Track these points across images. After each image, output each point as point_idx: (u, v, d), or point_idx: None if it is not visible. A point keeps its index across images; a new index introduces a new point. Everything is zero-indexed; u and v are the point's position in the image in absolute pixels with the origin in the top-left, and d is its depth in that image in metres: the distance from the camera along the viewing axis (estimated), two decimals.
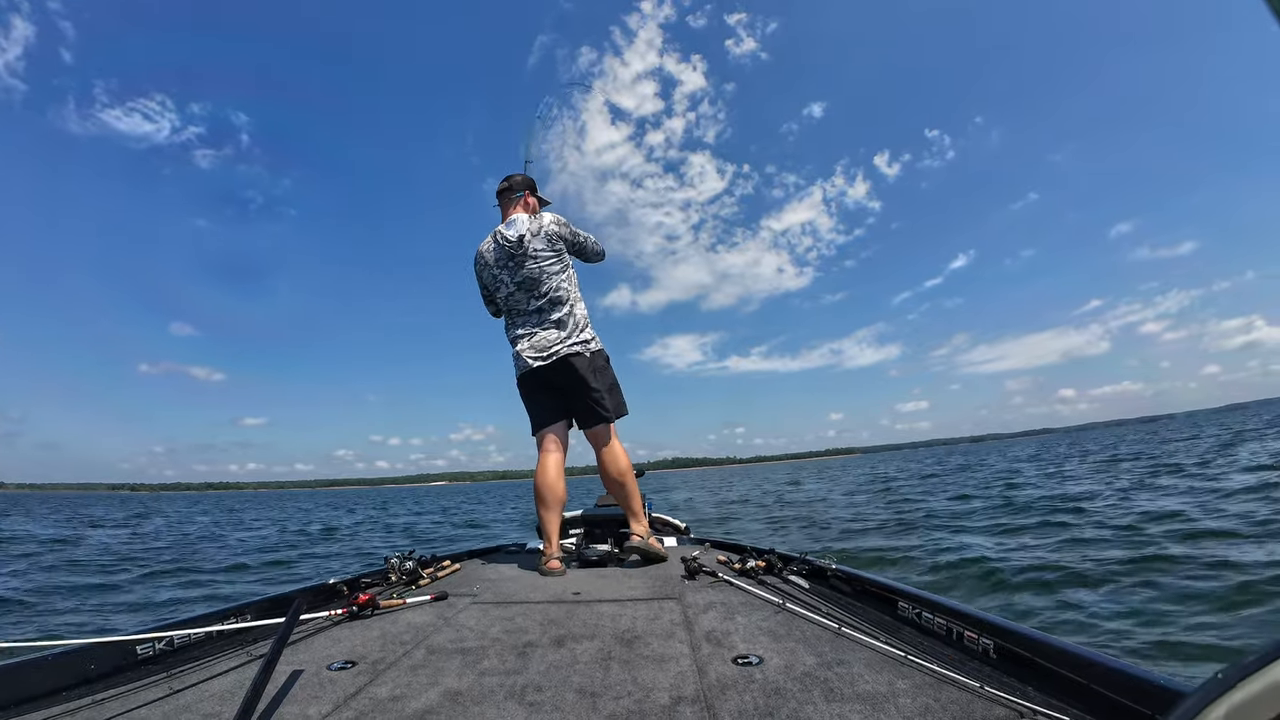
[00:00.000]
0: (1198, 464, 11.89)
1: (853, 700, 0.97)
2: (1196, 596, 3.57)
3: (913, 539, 6.80)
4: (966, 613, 1.23)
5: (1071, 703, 0.90)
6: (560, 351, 2.49)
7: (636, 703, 0.99)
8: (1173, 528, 5.61)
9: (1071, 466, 16.43)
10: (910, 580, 3.57)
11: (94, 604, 5.38)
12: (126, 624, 4.68)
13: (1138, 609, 3.48)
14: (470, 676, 1.15)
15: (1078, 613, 3.56)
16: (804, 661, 1.15)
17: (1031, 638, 1.05)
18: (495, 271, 2.57)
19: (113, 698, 1.09)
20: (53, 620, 4.72)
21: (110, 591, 6.00)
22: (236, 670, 1.24)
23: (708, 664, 1.16)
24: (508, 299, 2.57)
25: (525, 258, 2.50)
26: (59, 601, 5.40)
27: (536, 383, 2.55)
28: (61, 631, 4.39)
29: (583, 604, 1.71)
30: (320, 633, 1.51)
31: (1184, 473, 10.60)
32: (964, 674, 1.03)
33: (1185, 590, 3.70)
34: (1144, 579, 4.04)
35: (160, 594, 5.89)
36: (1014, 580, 4.41)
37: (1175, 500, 7.32)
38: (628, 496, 2.52)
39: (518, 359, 2.55)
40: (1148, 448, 21.40)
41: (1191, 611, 3.35)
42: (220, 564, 8.06)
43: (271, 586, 5.77)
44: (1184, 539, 5.14)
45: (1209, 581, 3.78)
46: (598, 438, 2.55)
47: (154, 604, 5.42)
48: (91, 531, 13.96)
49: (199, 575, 7.04)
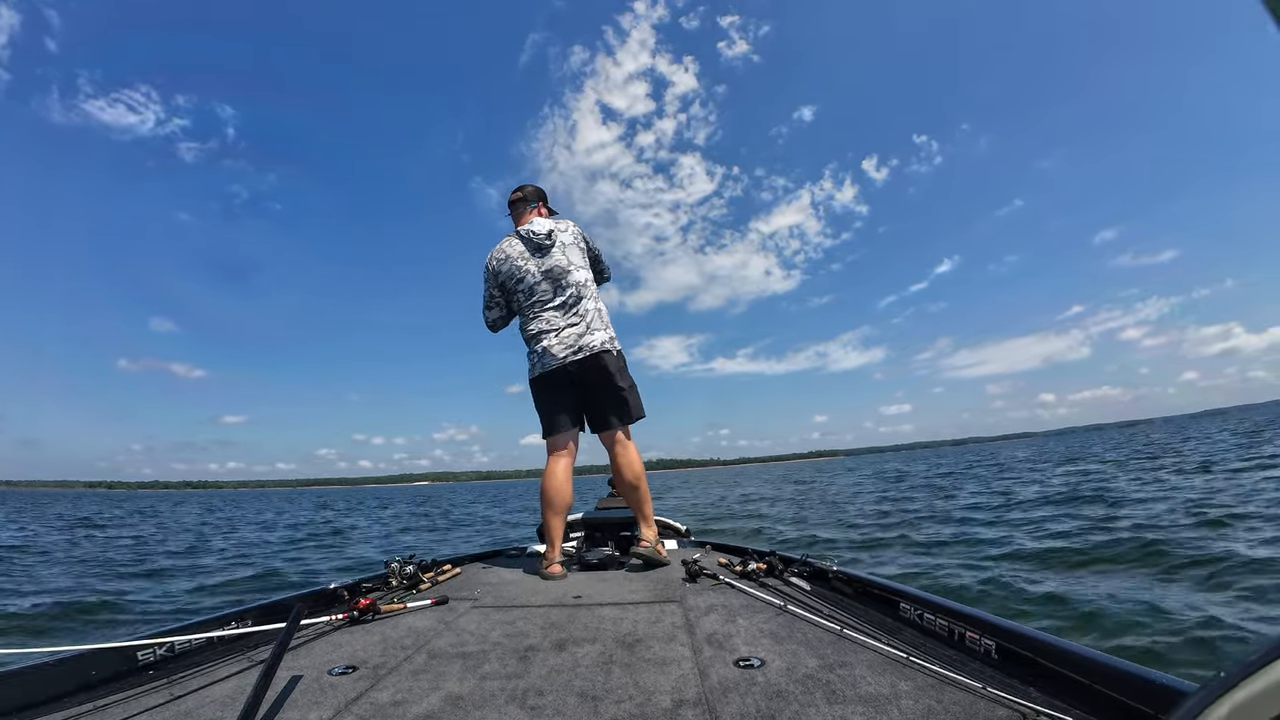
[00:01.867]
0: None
1: (855, 702, 0.96)
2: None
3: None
4: (968, 614, 1.23)
5: (1074, 703, 0.90)
6: (594, 346, 2.46)
7: (638, 706, 0.99)
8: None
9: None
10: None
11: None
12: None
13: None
14: (471, 681, 1.15)
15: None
16: (806, 664, 1.15)
17: (1033, 638, 1.05)
18: (518, 263, 2.53)
19: (113, 704, 1.09)
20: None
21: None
22: (237, 676, 1.24)
23: (709, 667, 1.16)
24: (530, 290, 2.52)
25: (554, 248, 2.53)
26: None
27: (559, 381, 2.49)
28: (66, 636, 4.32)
29: (584, 607, 1.71)
30: (321, 638, 1.51)
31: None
32: (966, 675, 1.02)
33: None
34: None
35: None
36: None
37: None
38: (640, 501, 2.50)
39: (543, 355, 2.48)
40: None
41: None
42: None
43: (276, 592, 5.66)
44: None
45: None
46: (615, 440, 2.52)
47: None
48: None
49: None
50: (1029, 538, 6.20)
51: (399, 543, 10.71)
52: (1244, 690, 0.40)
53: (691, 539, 3.16)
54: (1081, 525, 6.54)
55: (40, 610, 4.93)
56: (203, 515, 21.72)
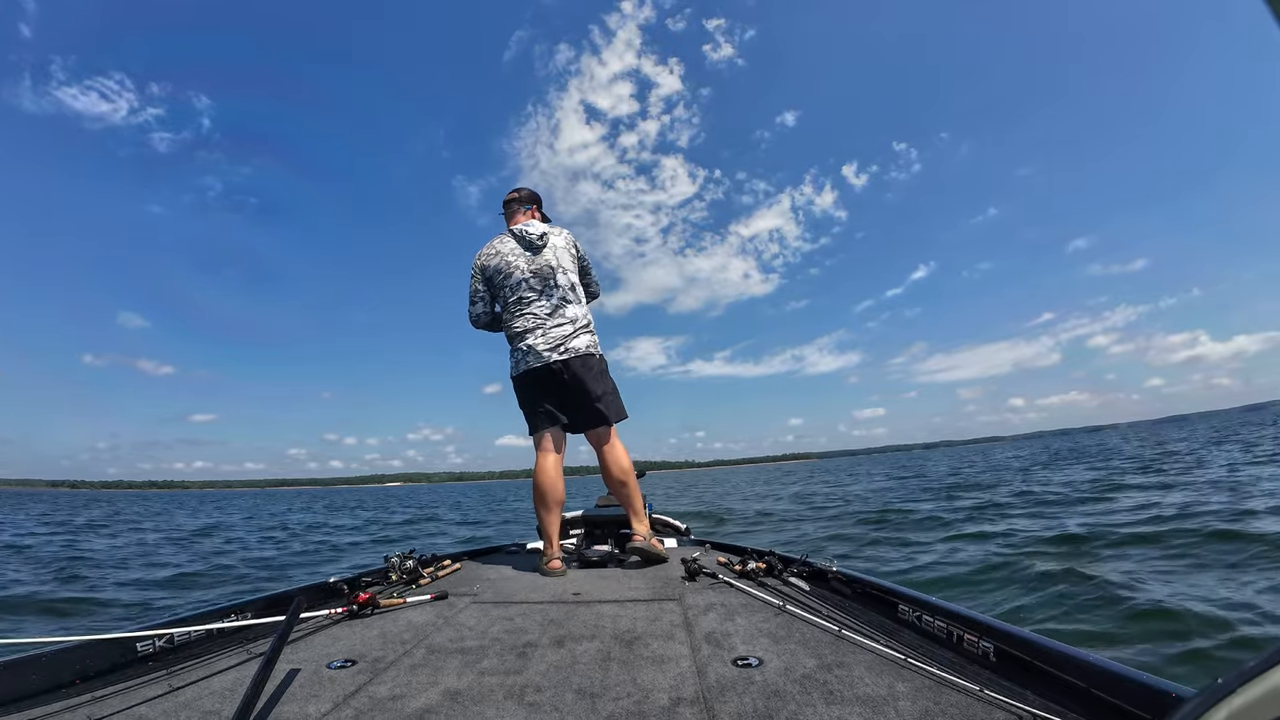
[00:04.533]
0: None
1: (852, 703, 0.96)
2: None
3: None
4: (966, 616, 1.22)
5: (1071, 706, 0.90)
6: (579, 348, 2.47)
7: (636, 704, 0.99)
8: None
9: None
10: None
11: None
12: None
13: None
14: (470, 676, 1.15)
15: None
16: (804, 664, 1.15)
17: (1031, 641, 1.05)
18: (509, 259, 2.54)
19: (112, 695, 1.09)
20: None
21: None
22: (236, 668, 1.25)
23: (707, 665, 1.16)
24: (517, 286, 2.52)
25: (545, 249, 2.55)
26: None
27: (542, 379, 2.50)
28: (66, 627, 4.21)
29: (583, 604, 1.72)
30: (320, 631, 1.52)
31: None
32: (964, 677, 1.02)
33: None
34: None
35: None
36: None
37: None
38: (629, 496, 2.52)
39: (527, 353, 2.48)
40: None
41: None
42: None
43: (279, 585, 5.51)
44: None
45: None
46: (600, 438, 2.54)
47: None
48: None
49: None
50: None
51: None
52: (1242, 696, 0.40)
53: (691, 537, 3.16)
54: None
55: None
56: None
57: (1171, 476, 10.26)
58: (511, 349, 2.58)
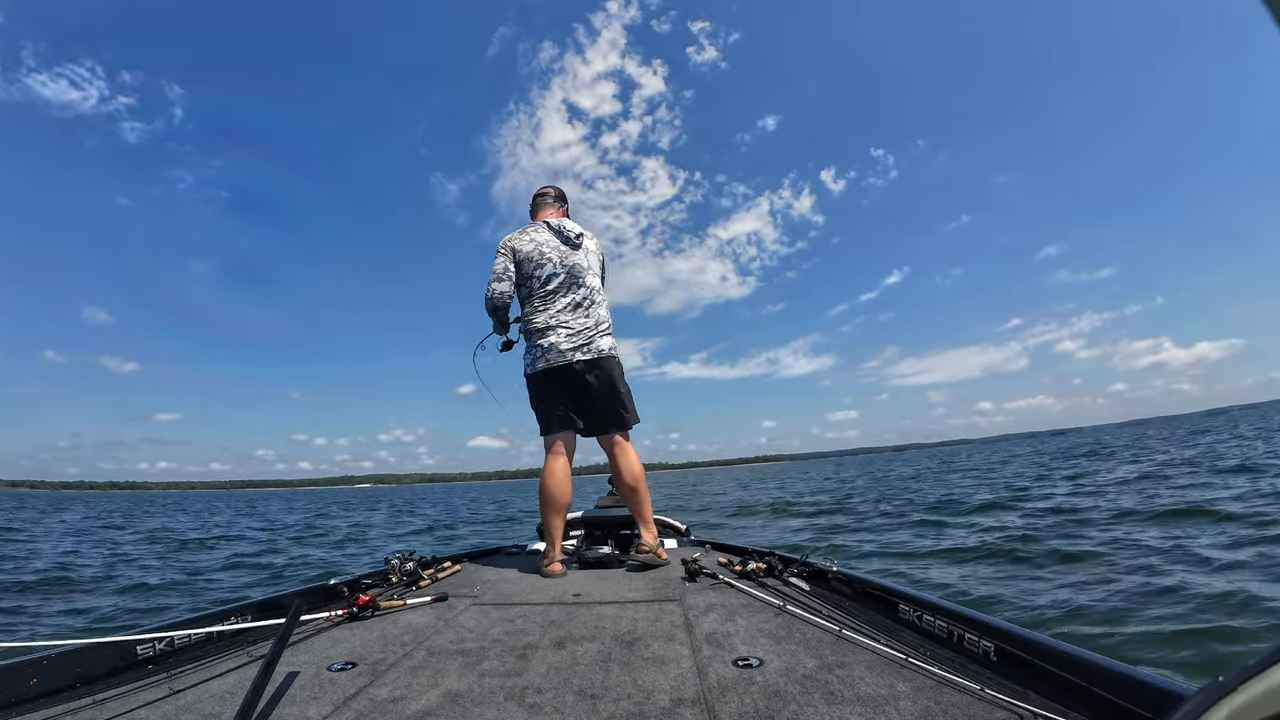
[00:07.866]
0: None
1: (853, 703, 0.96)
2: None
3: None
4: (967, 615, 1.23)
5: (1072, 705, 0.90)
6: (604, 349, 2.46)
7: (637, 705, 0.99)
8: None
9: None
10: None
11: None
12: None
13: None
14: (470, 678, 1.15)
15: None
16: (804, 664, 1.15)
17: (1032, 640, 1.05)
18: (545, 249, 2.49)
19: (113, 698, 1.09)
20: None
21: None
22: (237, 671, 1.24)
23: (708, 666, 1.16)
24: (548, 279, 2.47)
25: (580, 249, 2.55)
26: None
27: (563, 379, 2.44)
28: (64, 631, 4.27)
29: (583, 606, 1.71)
30: (320, 634, 1.51)
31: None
32: (964, 677, 1.02)
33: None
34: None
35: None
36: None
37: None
38: (640, 502, 2.48)
39: (549, 350, 2.42)
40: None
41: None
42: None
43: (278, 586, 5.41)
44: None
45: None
46: (614, 443, 2.50)
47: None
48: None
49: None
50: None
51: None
52: (1242, 695, 0.40)
53: (691, 538, 3.16)
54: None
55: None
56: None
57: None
58: (529, 345, 2.52)
